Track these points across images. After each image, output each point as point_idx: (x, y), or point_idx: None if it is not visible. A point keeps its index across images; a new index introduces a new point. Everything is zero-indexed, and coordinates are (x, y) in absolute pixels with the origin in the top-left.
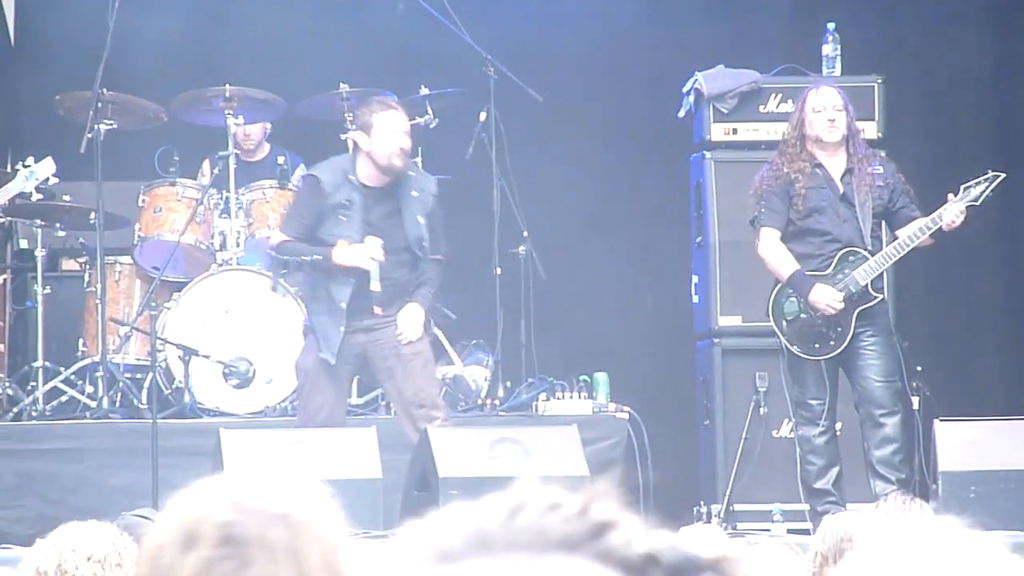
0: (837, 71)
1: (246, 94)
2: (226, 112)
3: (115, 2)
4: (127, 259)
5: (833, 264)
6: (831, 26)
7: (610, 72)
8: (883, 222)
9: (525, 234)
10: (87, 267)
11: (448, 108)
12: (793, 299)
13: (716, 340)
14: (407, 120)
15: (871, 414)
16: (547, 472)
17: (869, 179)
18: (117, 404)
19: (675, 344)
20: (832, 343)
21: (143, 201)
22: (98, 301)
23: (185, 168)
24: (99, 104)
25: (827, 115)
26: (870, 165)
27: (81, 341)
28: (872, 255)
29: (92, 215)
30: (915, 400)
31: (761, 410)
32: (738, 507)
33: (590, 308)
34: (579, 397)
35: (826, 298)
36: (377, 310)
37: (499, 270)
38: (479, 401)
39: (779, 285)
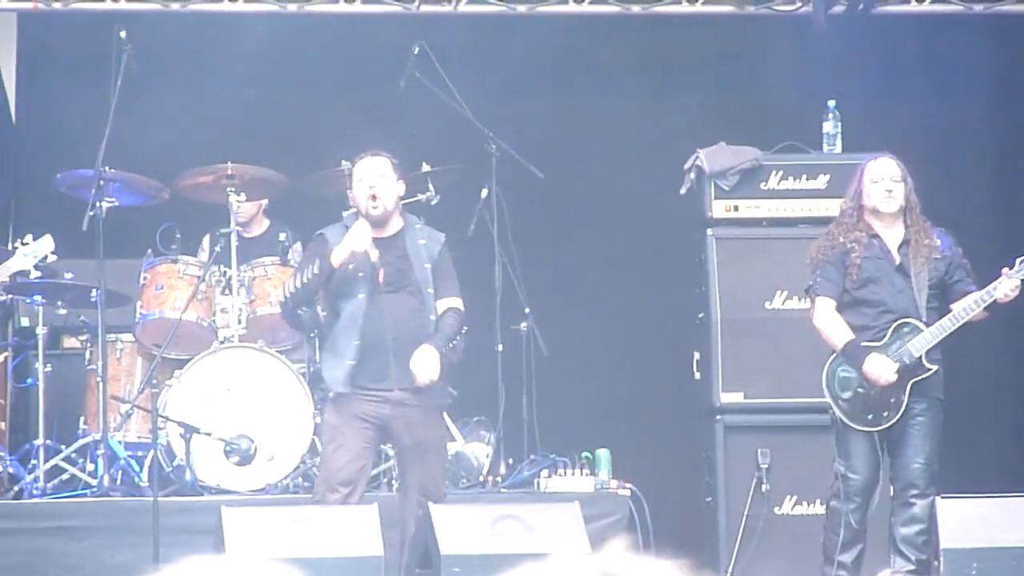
0: (838, 148)
1: (248, 171)
2: (228, 189)
3: (117, 80)
4: (128, 336)
5: (888, 335)
6: (831, 103)
7: (611, 148)
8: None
9: (527, 310)
10: (88, 345)
11: (450, 184)
12: (848, 370)
13: (718, 417)
14: (380, 164)
15: (904, 493)
16: (549, 549)
17: (926, 250)
18: (118, 482)
19: (677, 421)
20: (886, 415)
21: (144, 278)
22: (99, 379)
23: (187, 245)
24: (101, 182)
25: (884, 186)
26: (927, 236)
27: (82, 419)
28: (927, 327)
29: (93, 292)
30: None
31: (763, 487)
32: None
33: (592, 385)
34: (581, 474)
35: (880, 369)
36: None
37: (501, 346)
38: (481, 478)
39: (833, 355)
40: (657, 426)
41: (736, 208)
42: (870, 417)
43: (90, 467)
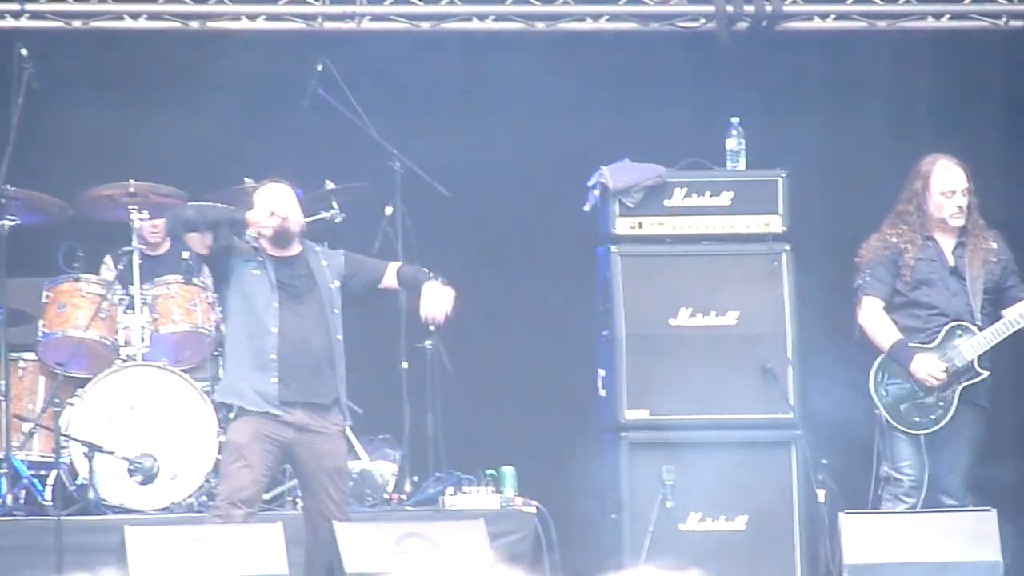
0: (741, 165)
1: (150, 190)
2: (130, 208)
3: (19, 98)
4: (31, 355)
5: (940, 338)
6: (735, 120)
7: (516, 165)
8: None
9: (432, 328)
10: None
11: (354, 202)
12: (897, 371)
13: (623, 434)
14: (286, 190)
15: (940, 502)
16: (454, 568)
17: (983, 253)
18: (21, 501)
19: (582, 438)
20: (934, 418)
21: (47, 297)
22: (1, 397)
23: (89, 264)
24: (2, 200)
25: (956, 201)
26: (985, 239)
27: None
28: (981, 330)
29: None
30: (820, 493)
31: (668, 503)
32: None
33: (497, 402)
34: (486, 491)
35: (927, 368)
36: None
37: (406, 364)
38: (386, 496)
39: (881, 357)
40: (562, 443)
41: (640, 225)
42: (918, 419)
43: None
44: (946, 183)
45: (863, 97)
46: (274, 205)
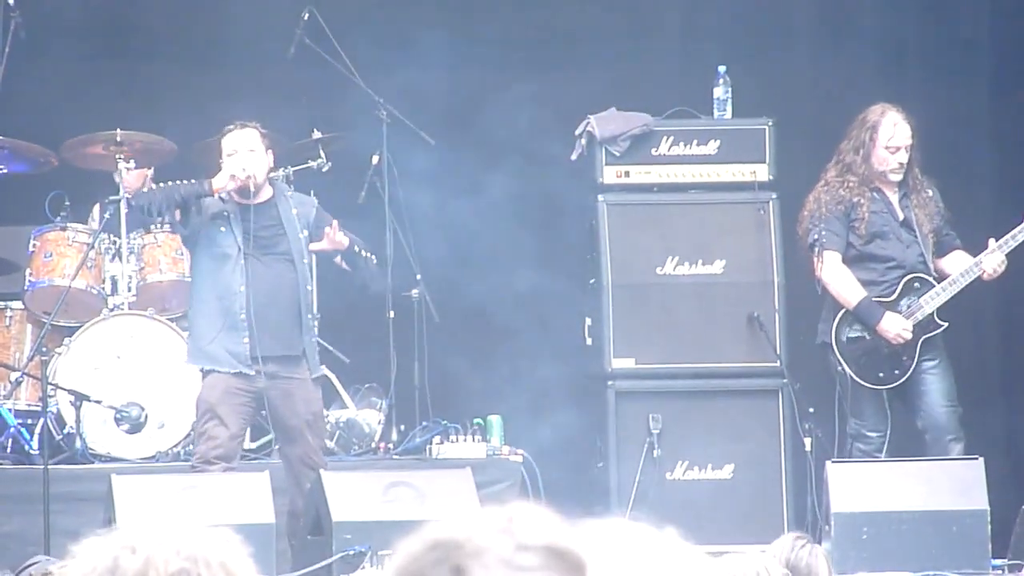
0: (728, 113)
1: (137, 138)
2: (117, 156)
3: (5, 47)
4: (18, 304)
5: (898, 291)
6: (722, 69)
7: (502, 114)
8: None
9: (418, 277)
10: None
11: (341, 151)
12: (858, 326)
13: (609, 382)
14: (250, 136)
15: (939, 440)
16: (441, 516)
17: (926, 205)
18: (8, 450)
19: (569, 387)
20: (897, 372)
21: (34, 246)
22: None
23: (76, 213)
24: None
25: (899, 157)
26: (925, 187)
27: None
28: (937, 282)
29: None
30: (807, 442)
31: (655, 452)
32: None
33: (483, 351)
34: (473, 440)
35: (896, 327)
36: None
37: (392, 313)
38: (373, 445)
39: (843, 312)
40: (549, 392)
41: (627, 174)
42: (881, 375)
43: None
44: (893, 138)
45: (851, 45)
46: (234, 166)
